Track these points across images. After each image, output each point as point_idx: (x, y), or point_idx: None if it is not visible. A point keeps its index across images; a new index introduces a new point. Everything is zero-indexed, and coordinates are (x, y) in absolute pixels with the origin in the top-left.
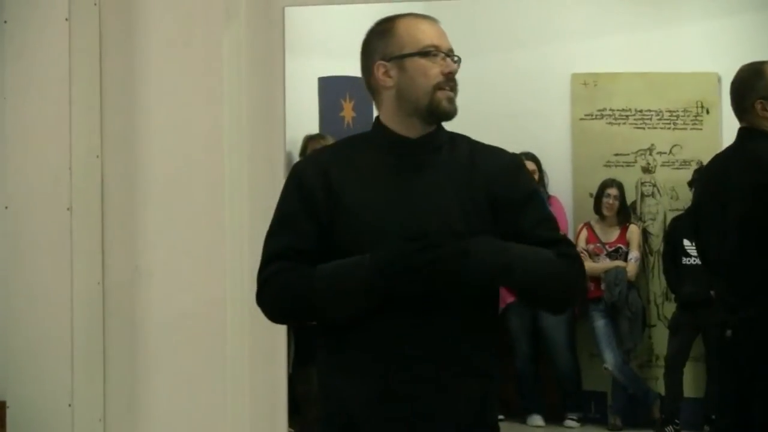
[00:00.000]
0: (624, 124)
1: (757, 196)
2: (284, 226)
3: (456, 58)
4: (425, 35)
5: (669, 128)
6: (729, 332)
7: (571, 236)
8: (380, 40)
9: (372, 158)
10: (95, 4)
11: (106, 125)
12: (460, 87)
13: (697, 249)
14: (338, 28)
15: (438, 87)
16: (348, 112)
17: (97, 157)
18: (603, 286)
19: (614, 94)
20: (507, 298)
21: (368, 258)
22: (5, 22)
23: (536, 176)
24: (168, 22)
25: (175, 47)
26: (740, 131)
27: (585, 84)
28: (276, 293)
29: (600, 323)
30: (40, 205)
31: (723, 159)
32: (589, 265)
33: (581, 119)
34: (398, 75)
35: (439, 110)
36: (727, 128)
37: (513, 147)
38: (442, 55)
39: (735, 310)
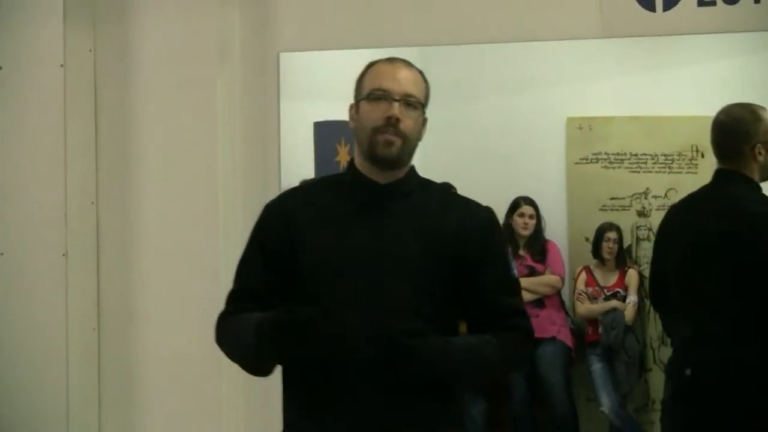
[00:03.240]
0: (619, 167)
1: (731, 243)
2: (243, 266)
3: (413, 100)
4: (376, 79)
5: (664, 172)
6: (688, 371)
7: (568, 280)
8: (356, 83)
9: (338, 201)
10: (90, 50)
11: (102, 171)
12: (456, 131)
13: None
14: (334, 73)
15: (377, 131)
16: (343, 156)
17: (93, 202)
18: (600, 329)
19: (609, 137)
20: None
21: (259, 317)
22: (0, 67)
23: (534, 221)
24: (163, 67)
25: (170, 92)
26: (720, 173)
27: (580, 128)
28: (218, 337)
29: (597, 367)
30: (36, 250)
31: (699, 201)
32: (587, 306)
33: (576, 163)
34: (356, 117)
35: (375, 154)
36: None
37: (508, 190)
38: (391, 99)
39: (698, 351)
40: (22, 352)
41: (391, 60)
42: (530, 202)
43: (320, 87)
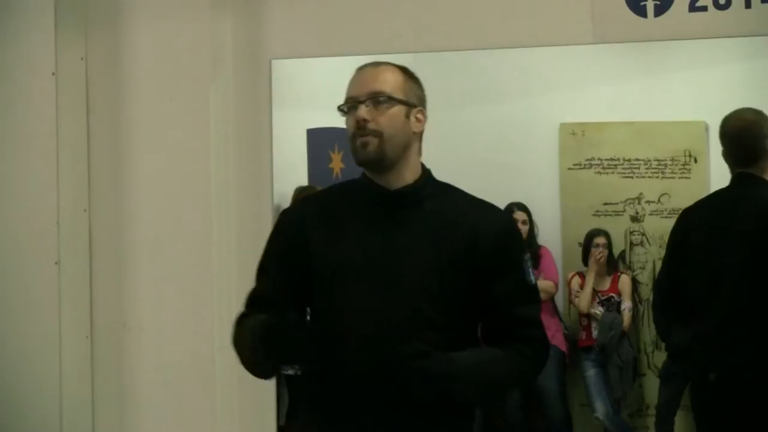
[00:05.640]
0: (612, 173)
1: (762, 246)
2: (260, 273)
3: (381, 97)
4: (347, 90)
5: (657, 177)
6: (712, 376)
7: (561, 286)
8: None
9: (351, 207)
10: (82, 59)
11: (94, 179)
12: (450, 137)
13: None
14: (327, 80)
15: (352, 137)
16: (337, 163)
17: (85, 210)
18: (595, 331)
19: (602, 143)
20: None
21: (258, 320)
22: None
23: (527, 227)
24: (155, 75)
25: (162, 100)
26: (739, 176)
27: (573, 134)
28: (234, 341)
29: (591, 372)
30: (28, 259)
31: (720, 204)
32: (586, 298)
33: (569, 169)
34: None
35: (358, 158)
36: (715, 177)
37: (502, 197)
38: (356, 103)
39: (723, 355)
40: (15, 360)
41: (360, 67)
42: (523, 207)
43: (313, 94)
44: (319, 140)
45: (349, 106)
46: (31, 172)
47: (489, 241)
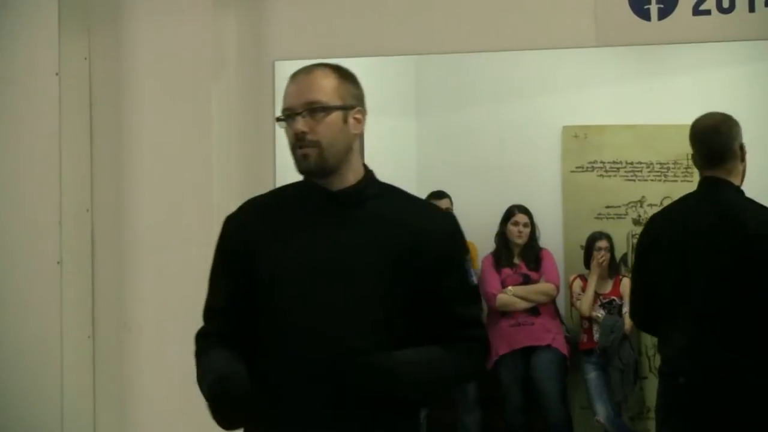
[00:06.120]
0: (615, 176)
1: (732, 251)
2: (211, 284)
3: (316, 106)
4: (284, 99)
5: (660, 180)
6: (682, 380)
7: (563, 288)
8: None
9: (293, 210)
10: (85, 59)
11: (96, 179)
12: (452, 139)
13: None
14: None
15: (293, 149)
16: None
17: (87, 210)
18: (596, 334)
19: (605, 146)
20: (500, 350)
21: (214, 374)
22: None
23: (529, 229)
24: (158, 75)
25: (165, 100)
26: (706, 180)
27: (576, 136)
28: (196, 355)
29: (592, 375)
30: (30, 258)
31: (688, 209)
32: (588, 301)
33: (572, 171)
34: None
35: (299, 169)
36: None
37: (504, 199)
38: (294, 115)
39: (693, 359)
40: (17, 359)
41: (293, 75)
42: (524, 210)
43: None
44: None
45: (286, 117)
46: (33, 172)
47: (432, 241)
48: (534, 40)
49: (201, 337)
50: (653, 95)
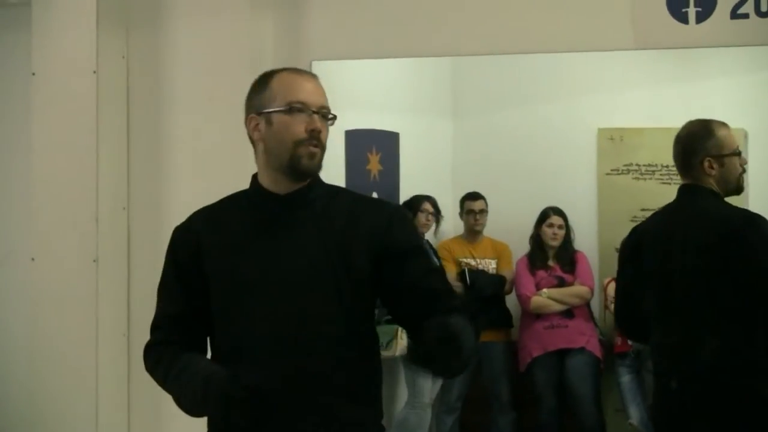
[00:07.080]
0: (650, 179)
1: (709, 252)
2: (160, 291)
3: (330, 116)
4: (294, 91)
5: None
6: (674, 384)
7: (597, 291)
8: (255, 93)
9: (241, 217)
10: (123, 57)
11: (133, 177)
12: (488, 140)
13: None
14: (365, 82)
15: (299, 143)
16: (374, 165)
17: (124, 208)
18: None
19: (640, 148)
20: (533, 352)
21: (202, 375)
22: (33, 74)
23: (563, 231)
24: (195, 74)
25: (202, 99)
26: (684, 188)
27: (611, 139)
28: (148, 367)
29: (626, 378)
30: (67, 256)
31: (668, 217)
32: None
33: (607, 174)
34: (266, 129)
35: (299, 167)
36: (753, 183)
37: (539, 201)
38: (310, 111)
39: (683, 363)
40: (53, 357)
41: (298, 71)
42: (559, 212)
43: (352, 95)
44: (357, 142)
45: (297, 109)
46: (70, 170)
47: (384, 231)
48: (571, 43)
49: (158, 345)
50: (689, 98)
